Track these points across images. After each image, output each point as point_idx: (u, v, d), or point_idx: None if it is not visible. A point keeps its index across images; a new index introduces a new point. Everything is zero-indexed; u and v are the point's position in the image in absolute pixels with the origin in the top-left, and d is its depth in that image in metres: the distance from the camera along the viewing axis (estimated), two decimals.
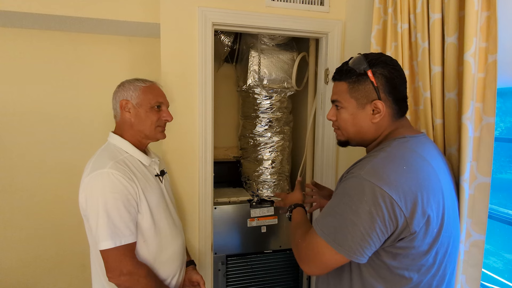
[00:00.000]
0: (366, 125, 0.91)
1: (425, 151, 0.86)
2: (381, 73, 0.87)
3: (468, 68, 0.96)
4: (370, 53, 0.93)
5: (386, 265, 0.82)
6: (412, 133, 0.90)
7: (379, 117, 0.88)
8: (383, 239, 0.78)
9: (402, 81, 0.90)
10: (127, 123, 1.18)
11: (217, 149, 2.41)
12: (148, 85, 1.21)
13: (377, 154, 0.84)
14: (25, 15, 1.58)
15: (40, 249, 1.93)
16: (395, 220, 0.76)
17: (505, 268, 1.39)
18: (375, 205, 0.75)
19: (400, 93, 0.90)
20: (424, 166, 0.82)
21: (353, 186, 0.80)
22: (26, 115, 1.86)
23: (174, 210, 1.31)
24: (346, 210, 0.79)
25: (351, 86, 0.90)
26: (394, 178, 0.77)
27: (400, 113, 0.91)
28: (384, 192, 0.75)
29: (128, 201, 1.05)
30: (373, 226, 0.75)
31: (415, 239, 0.78)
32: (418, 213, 0.76)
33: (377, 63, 0.88)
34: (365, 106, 0.89)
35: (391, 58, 0.92)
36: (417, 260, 0.81)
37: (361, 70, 0.88)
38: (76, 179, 1.92)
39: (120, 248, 1.02)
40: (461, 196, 0.99)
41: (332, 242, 0.79)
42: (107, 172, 1.03)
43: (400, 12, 1.25)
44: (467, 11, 0.96)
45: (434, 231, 0.80)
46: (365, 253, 0.78)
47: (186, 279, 1.33)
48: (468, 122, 0.97)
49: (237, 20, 1.66)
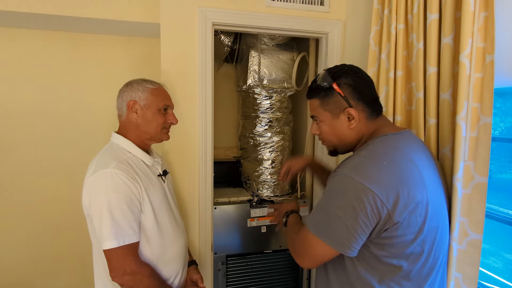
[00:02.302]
0: (345, 132, 0.98)
1: (407, 146, 0.91)
2: (345, 83, 0.94)
3: (463, 69, 0.97)
4: (334, 66, 1.00)
5: (375, 255, 0.87)
6: (394, 130, 0.95)
7: (354, 122, 0.95)
8: (368, 232, 0.83)
9: (367, 84, 0.97)
10: (132, 124, 1.18)
11: (217, 149, 2.42)
12: (157, 87, 1.21)
13: (360, 152, 0.91)
14: (25, 15, 1.58)
15: (40, 249, 1.94)
16: (378, 212, 0.81)
17: (504, 268, 1.39)
18: (358, 200, 0.81)
19: (368, 96, 0.96)
20: (404, 160, 0.87)
21: (337, 183, 0.88)
22: (26, 115, 1.86)
23: (177, 210, 1.32)
24: (332, 206, 0.86)
25: (321, 101, 0.98)
26: (375, 173, 0.83)
27: (375, 113, 0.97)
28: (366, 187, 0.80)
29: (131, 201, 1.06)
30: (356, 219, 0.81)
31: (398, 229, 0.82)
32: (400, 205, 0.81)
33: (339, 75, 0.95)
34: (339, 115, 0.96)
35: (353, 66, 0.99)
36: (404, 248, 0.85)
37: (327, 85, 0.95)
38: (76, 179, 1.95)
39: (123, 248, 1.03)
40: (454, 196, 1.00)
41: (322, 235, 0.86)
42: (111, 172, 1.04)
43: (396, 12, 1.26)
44: (463, 12, 0.96)
45: (418, 220, 0.84)
46: (353, 246, 0.84)
47: (187, 279, 1.33)
48: (462, 122, 0.98)
49: (237, 20, 1.66)
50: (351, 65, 1.00)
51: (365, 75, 0.98)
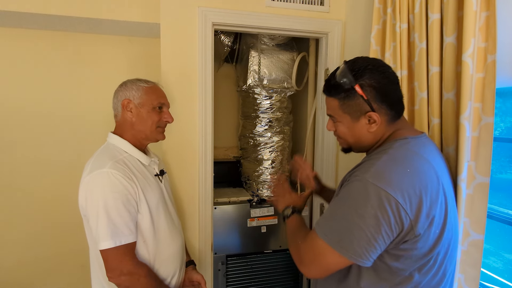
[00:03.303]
0: (364, 135, 0.91)
1: (426, 152, 0.86)
2: (370, 85, 0.85)
3: (466, 68, 0.96)
4: (355, 60, 0.89)
5: (388, 266, 0.82)
6: (413, 134, 0.90)
7: (375, 126, 0.88)
8: (388, 242, 0.78)
9: (393, 84, 0.88)
10: (128, 123, 1.18)
11: (217, 149, 2.41)
12: (151, 86, 1.22)
13: (380, 156, 0.83)
14: (25, 15, 1.58)
15: (39, 249, 1.93)
16: (401, 223, 0.76)
17: (505, 268, 1.39)
18: (381, 209, 0.75)
19: (392, 98, 0.87)
20: (427, 168, 0.82)
21: (358, 189, 0.80)
22: (26, 115, 1.86)
23: (174, 210, 1.31)
24: (351, 213, 0.78)
25: (341, 103, 0.89)
26: (399, 181, 0.77)
27: (397, 115, 0.90)
28: (390, 196, 0.75)
29: (128, 201, 1.05)
30: (379, 230, 0.75)
31: (418, 241, 0.78)
32: (422, 216, 0.76)
33: (363, 73, 0.85)
34: (360, 118, 0.88)
35: (378, 62, 0.88)
36: (419, 261, 0.81)
37: (348, 85, 0.86)
38: (76, 179, 1.93)
39: (120, 248, 1.02)
40: (458, 196, 0.99)
41: (336, 245, 0.79)
42: (107, 171, 1.03)
43: (399, 12, 1.25)
44: (466, 11, 0.96)
45: (436, 232, 0.80)
46: (371, 256, 0.78)
47: (186, 279, 1.33)
48: (466, 122, 0.97)
49: (237, 20, 1.66)
50: (375, 60, 0.90)
51: (391, 73, 0.88)
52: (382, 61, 0.90)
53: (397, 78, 0.89)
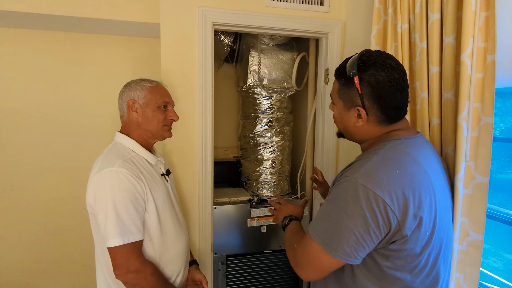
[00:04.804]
0: (351, 127, 0.93)
1: (419, 153, 0.86)
2: (368, 81, 0.84)
3: (464, 68, 0.97)
4: (371, 53, 0.87)
5: (379, 265, 0.83)
6: (408, 135, 0.89)
7: (361, 122, 0.89)
8: (376, 242, 0.79)
9: (394, 90, 0.84)
10: (134, 123, 1.20)
11: (217, 149, 2.42)
12: (155, 85, 1.23)
13: (370, 156, 0.84)
14: (25, 15, 1.58)
15: (40, 249, 1.93)
16: (388, 223, 0.77)
17: (505, 268, 1.39)
18: (369, 209, 0.76)
19: (388, 102, 0.85)
20: (416, 169, 0.82)
21: (347, 190, 0.80)
22: (26, 115, 1.86)
23: (179, 209, 1.32)
24: (341, 214, 0.79)
25: (340, 88, 0.92)
26: (387, 182, 0.78)
27: (389, 120, 0.89)
28: (378, 196, 0.76)
29: (136, 199, 1.07)
30: (367, 230, 0.77)
31: (407, 242, 0.79)
32: (409, 216, 0.77)
33: (368, 68, 0.84)
34: (350, 109, 0.90)
35: (391, 63, 0.85)
36: (410, 262, 0.82)
37: (349, 73, 0.86)
38: (76, 179, 1.95)
39: (128, 246, 1.03)
40: (455, 196, 1.00)
41: (326, 247, 0.80)
42: (116, 170, 1.05)
43: (400, 12, 1.25)
44: (465, 12, 0.96)
45: (426, 233, 0.81)
46: (359, 255, 0.80)
47: (189, 278, 1.34)
48: (464, 122, 0.98)
49: (237, 20, 1.66)
50: (391, 60, 0.86)
51: (398, 79, 0.84)
52: (400, 65, 0.87)
53: (403, 86, 0.86)
